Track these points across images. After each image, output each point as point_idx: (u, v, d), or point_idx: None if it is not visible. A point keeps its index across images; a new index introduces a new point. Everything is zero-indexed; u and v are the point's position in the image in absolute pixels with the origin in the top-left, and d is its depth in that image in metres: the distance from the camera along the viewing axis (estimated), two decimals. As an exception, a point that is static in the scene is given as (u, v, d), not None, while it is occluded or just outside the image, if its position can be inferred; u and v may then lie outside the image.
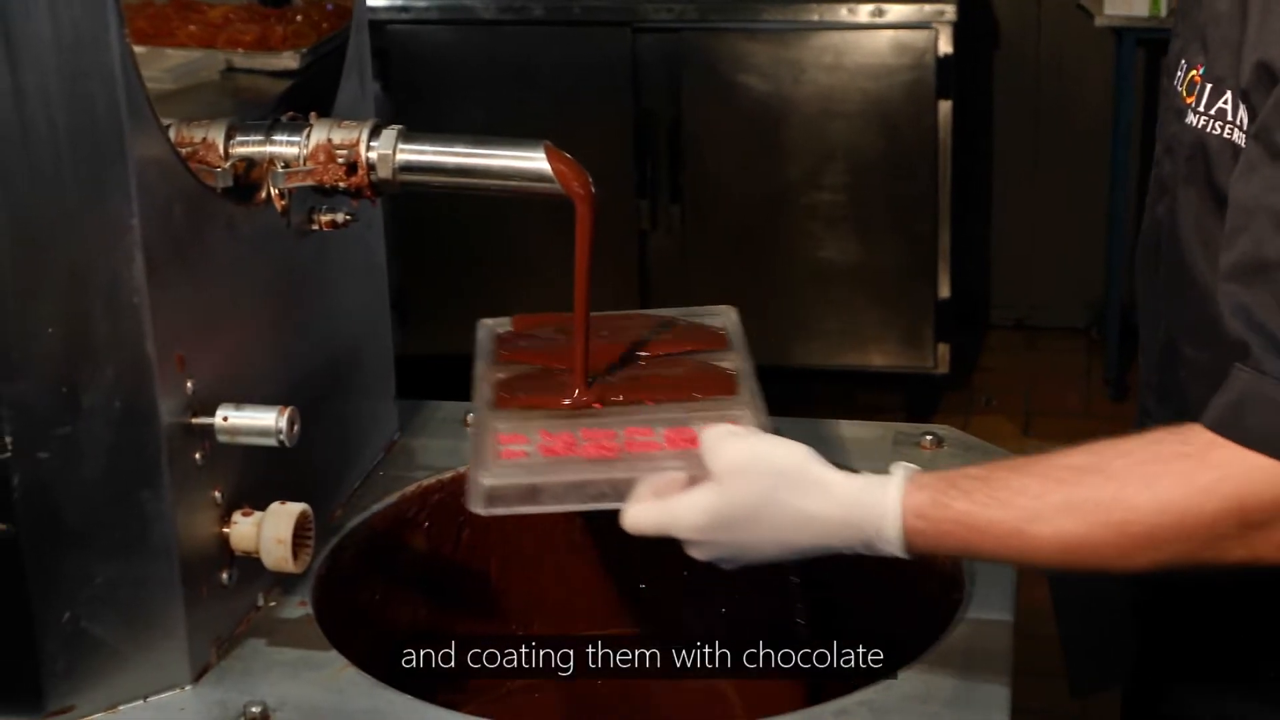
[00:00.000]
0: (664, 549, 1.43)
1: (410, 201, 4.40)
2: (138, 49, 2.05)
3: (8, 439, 1.33)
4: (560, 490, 1.46)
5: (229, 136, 1.54)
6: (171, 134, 1.53)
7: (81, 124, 1.32)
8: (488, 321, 1.74)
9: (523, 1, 4.41)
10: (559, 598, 1.87)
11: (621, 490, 1.45)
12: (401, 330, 4.69)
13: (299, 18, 1.89)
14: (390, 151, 1.53)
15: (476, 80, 4.48)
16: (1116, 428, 1.36)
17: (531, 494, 1.45)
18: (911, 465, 1.37)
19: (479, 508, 1.45)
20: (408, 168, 1.54)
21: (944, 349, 4.43)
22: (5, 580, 1.36)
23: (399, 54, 4.47)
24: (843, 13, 4.28)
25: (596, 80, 4.44)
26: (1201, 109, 1.42)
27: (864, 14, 4.28)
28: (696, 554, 1.42)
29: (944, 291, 4.40)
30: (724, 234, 4.48)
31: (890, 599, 1.66)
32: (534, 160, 1.53)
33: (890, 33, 4.26)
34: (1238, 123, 1.37)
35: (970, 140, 4.84)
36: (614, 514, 1.44)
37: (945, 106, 4.28)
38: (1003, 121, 5.02)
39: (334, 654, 1.50)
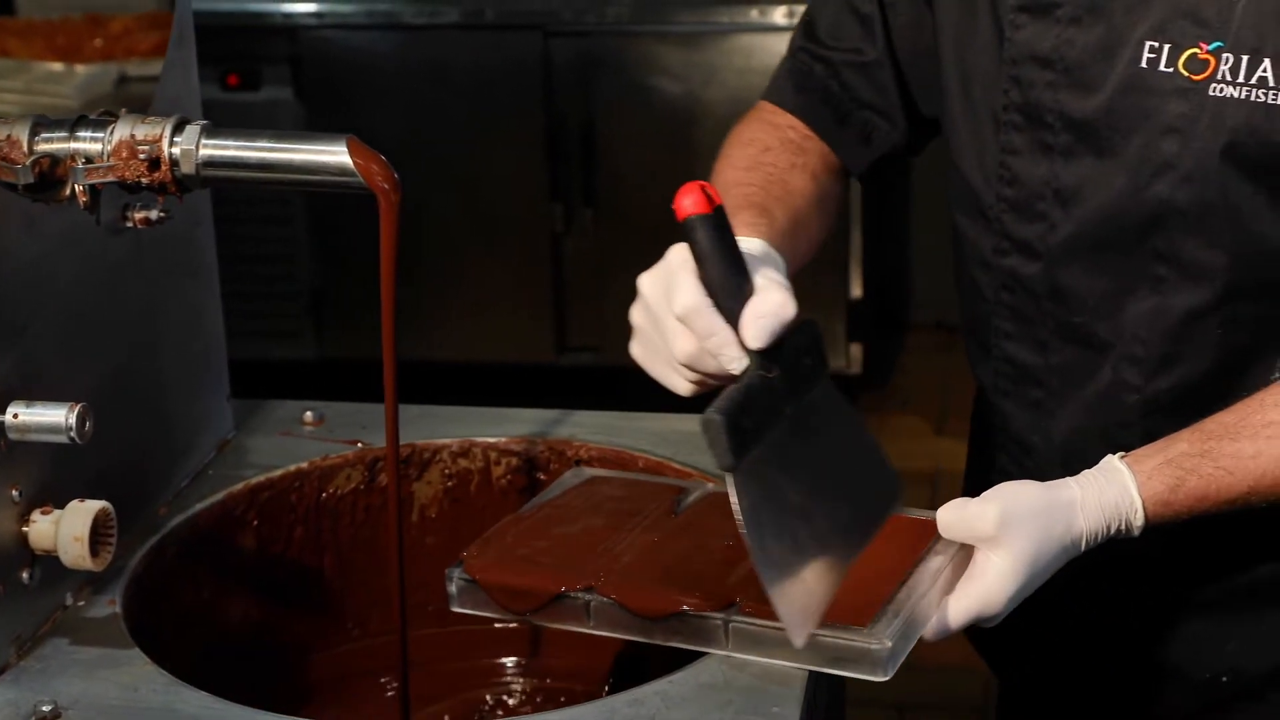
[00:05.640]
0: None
1: (329, 203, 4.42)
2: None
3: None
4: (925, 614, 1.42)
5: (34, 133, 1.53)
6: (-24, 132, 1.53)
7: None
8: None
9: (436, 6, 4.40)
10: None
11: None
12: (318, 334, 4.68)
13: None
14: (193, 147, 1.52)
15: (391, 85, 4.47)
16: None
17: (908, 637, 1.40)
18: (1116, 458, 1.50)
19: (883, 676, 1.37)
20: (211, 163, 1.52)
21: (857, 349, 4.43)
22: None
23: (313, 59, 4.47)
24: (753, 15, 4.29)
25: (509, 84, 4.44)
26: (1238, 79, 1.50)
27: (777, 16, 4.28)
28: (994, 623, 1.44)
29: (856, 291, 4.40)
30: (637, 235, 4.47)
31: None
32: (336, 154, 1.52)
33: (801, 34, 4.26)
34: None
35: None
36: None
37: (853, 106, 4.29)
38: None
39: (136, 652, 1.49)
